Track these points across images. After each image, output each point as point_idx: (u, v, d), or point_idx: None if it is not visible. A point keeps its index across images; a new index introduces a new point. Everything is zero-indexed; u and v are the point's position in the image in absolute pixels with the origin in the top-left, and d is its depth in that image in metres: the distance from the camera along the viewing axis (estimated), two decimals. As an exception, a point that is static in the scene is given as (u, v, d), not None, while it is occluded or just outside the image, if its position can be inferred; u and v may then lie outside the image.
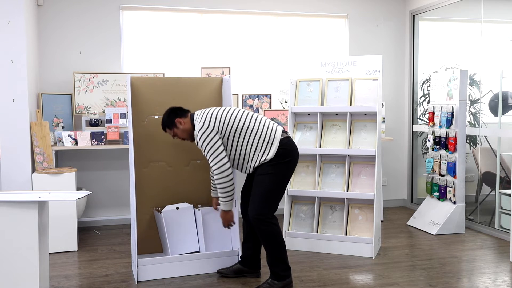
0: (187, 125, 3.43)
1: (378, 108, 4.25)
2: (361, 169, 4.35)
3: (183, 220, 3.82)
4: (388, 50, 6.07)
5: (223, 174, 3.27)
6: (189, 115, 3.45)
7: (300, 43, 5.88)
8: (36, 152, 4.45)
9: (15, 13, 4.25)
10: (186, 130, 3.44)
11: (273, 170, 3.31)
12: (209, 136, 3.26)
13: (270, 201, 3.35)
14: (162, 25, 5.50)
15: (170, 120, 3.46)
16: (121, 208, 5.33)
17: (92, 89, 5.06)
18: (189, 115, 3.45)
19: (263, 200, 3.31)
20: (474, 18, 5.34)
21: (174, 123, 3.45)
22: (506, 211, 4.79)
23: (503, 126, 4.92)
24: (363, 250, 4.15)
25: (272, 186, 3.33)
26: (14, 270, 2.85)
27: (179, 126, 3.44)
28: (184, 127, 3.44)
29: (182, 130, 3.44)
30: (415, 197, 6.14)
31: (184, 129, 3.44)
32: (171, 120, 3.46)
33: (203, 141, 3.26)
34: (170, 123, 3.46)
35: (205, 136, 3.26)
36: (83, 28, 5.20)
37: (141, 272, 3.59)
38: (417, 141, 6.12)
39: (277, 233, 3.34)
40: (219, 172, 3.27)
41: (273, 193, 3.36)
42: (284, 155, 3.33)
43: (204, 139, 3.26)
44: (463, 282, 3.57)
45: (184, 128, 3.44)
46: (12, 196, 2.91)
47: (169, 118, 3.47)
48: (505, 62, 5.08)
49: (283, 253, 3.36)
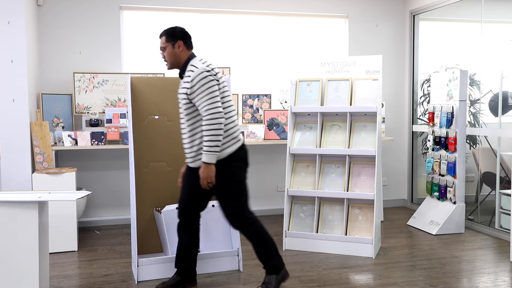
0: (182, 54, 3.19)
1: (378, 108, 4.25)
2: (361, 169, 4.35)
3: (183, 220, 3.82)
4: (388, 50, 6.07)
5: (218, 121, 3.01)
6: (191, 53, 3.24)
7: (300, 43, 5.88)
8: (36, 152, 4.45)
9: (15, 13, 4.25)
10: (176, 57, 3.19)
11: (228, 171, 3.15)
12: (212, 81, 3.05)
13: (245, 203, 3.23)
14: (162, 25, 5.46)
15: (176, 35, 3.20)
16: (121, 208, 5.33)
17: (92, 89, 5.06)
18: (191, 53, 3.24)
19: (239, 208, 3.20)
20: (474, 18, 5.34)
21: (176, 41, 3.19)
22: (506, 211, 4.78)
23: (503, 126, 4.92)
24: (363, 250, 4.15)
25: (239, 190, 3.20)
26: (14, 270, 2.85)
27: (176, 48, 3.19)
28: (178, 53, 3.19)
29: (173, 53, 3.19)
30: (415, 197, 6.14)
31: (176, 55, 3.19)
32: (176, 36, 3.20)
33: (204, 83, 3.02)
34: (174, 37, 3.20)
35: (208, 79, 3.03)
36: (83, 28, 5.20)
37: (141, 272, 3.59)
38: (417, 141, 6.12)
39: (262, 227, 3.27)
40: (215, 117, 3.00)
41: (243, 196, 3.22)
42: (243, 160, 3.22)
43: (208, 84, 3.03)
44: (463, 282, 3.57)
45: (177, 53, 3.19)
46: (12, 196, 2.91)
47: (176, 33, 3.21)
48: (505, 62, 5.08)
49: (272, 244, 3.31)
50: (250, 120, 5.57)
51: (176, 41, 3.19)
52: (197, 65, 3.09)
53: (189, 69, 3.11)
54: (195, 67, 3.08)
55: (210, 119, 3.00)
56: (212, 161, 3.05)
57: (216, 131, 3.01)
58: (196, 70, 3.05)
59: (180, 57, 3.20)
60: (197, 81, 3.03)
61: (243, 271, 3.81)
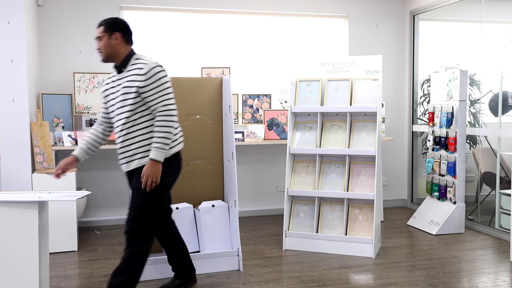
0: (118, 47, 2.97)
1: (378, 108, 4.25)
2: (361, 169, 4.35)
3: (183, 220, 3.82)
4: (388, 50, 6.07)
5: (174, 118, 2.88)
6: (131, 48, 3.04)
7: (300, 43, 5.88)
8: (36, 152, 4.45)
9: (15, 13, 4.25)
10: (112, 49, 2.96)
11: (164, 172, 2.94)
12: (167, 77, 2.91)
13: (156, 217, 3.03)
14: (162, 25, 5.50)
15: (115, 26, 2.99)
16: (121, 208, 5.33)
17: (92, 89, 5.06)
18: (131, 49, 3.04)
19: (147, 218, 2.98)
20: (474, 18, 5.34)
21: (113, 32, 2.96)
22: (506, 211, 4.78)
23: (503, 126, 4.92)
24: (363, 250, 4.15)
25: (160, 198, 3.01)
26: (14, 270, 2.85)
27: (112, 39, 2.96)
28: (114, 45, 2.97)
29: (109, 44, 2.96)
30: (415, 197, 6.13)
31: (112, 47, 2.96)
32: (115, 27, 2.98)
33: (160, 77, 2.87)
34: (113, 28, 2.97)
35: (163, 74, 2.90)
36: (83, 28, 5.20)
37: (141, 272, 3.58)
38: (417, 141, 6.12)
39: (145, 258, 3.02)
40: (172, 114, 2.87)
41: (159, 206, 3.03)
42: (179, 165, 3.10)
43: (165, 79, 2.90)
44: (463, 282, 3.57)
45: (113, 45, 2.96)
46: (12, 196, 2.91)
47: (116, 24, 3.00)
48: (505, 62, 5.08)
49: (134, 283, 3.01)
50: (250, 120, 5.57)
51: (114, 33, 2.96)
52: (147, 60, 2.93)
53: (139, 63, 2.92)
54: (145, 61, 2.91)
55: (167, 115, 2.85)
56: (161, 159, 2.86)
57: (170, 128, 2.86)
58: (149, 63, 2.89)
59: (116, 50, 2.97)
60: (152, 75, 2.86)
61: (243, 271, 3.81)
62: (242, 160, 5.58)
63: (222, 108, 4.06)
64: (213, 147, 4.04)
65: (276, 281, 3.60)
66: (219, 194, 4.07)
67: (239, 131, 5.26)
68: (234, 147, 3.84)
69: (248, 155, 5.64)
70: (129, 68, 2.95)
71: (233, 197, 3.86)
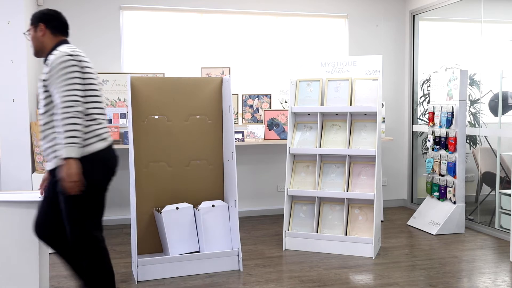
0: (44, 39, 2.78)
1: (378, 108, 4.25)
2: (361, 169, 4.35)
3: (183, 220, 3.82)
4: (388, 50, 6.07)
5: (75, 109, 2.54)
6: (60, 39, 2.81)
7: (300, 43, 5.88)
8: (36, 152, 4.45)
9: (15, 13, 4.25)
10: (38, 42, 2.78)
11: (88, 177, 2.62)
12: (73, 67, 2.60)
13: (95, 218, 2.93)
14: (162, 25, 5.50)
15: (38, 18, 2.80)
16: (121, 208, 5.33)
17: (92, 89, 5.05)
18: (61, 39, 2.81)
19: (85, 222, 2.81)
20: (474, 18, 5.34)
21: (38, 24, 2.79)
22: (506, 211, 4.78)
23: (503, 126, 4.92)
24: (363, 250, 4.15)
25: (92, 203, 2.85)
26: (14, 270, 2.85)
27: (38, 31, 2.78)
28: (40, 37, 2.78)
29: (35, 37, 2.79)
30: (415, 197, 6.13)
31: (37, 39, 2.78)
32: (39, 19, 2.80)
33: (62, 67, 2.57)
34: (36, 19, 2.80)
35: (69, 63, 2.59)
36: (83, 28, 5.20)
37: (141, 272, 3.59)
38: (417, 141, 6.12)
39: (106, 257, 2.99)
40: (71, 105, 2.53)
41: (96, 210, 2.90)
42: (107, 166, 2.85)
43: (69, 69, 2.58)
44: (463, 282, 3.57)
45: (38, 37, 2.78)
46: (12, 196, 2.92)
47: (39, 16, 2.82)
48: (505, 62, 5.08)
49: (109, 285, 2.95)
50: (250, 120, 5.57)
51: (38, 24, 2.78)
52: (60, 49, 2.67)
53: (51, 54, 2.68)
54: (56, 52, 2.65)
55: (65, 107, 2.52)
56: (72, 154, 2.50)
57: (73, 119, 2.52)
58: (56, 53, 2.63)
59: (42, 42, 2.77)
60: (55, 65, 2.58)
61: (243, 271, 3.81)
62: (242, 160, 5.58)
63: (222, 108, 4.06)
64: (213, 147, 4.05)
65: (276, 281, 3.60)
66: (219, 194, 4.07)
67: (239, 131, 5.27)
68: (234, 147, 3.85)
69: (248, 155, 5.64)
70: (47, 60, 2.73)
71: (233, 197, 3.86)
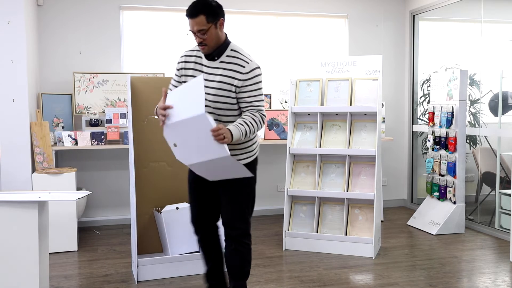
0: (223, 35, 2.77)
1: (378, 108, 4.25)
2: (361, 169, 4.35)
3: (183, 220, 3.82)
4: (388, 50, 6.07)
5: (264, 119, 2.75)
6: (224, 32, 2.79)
7: (300, 43, 5.88)
8: (36, 152, 4.45)
9: (15, 13, 4.25)
10: (219, 39, 2.73)
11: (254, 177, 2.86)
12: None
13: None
14: (162, 25, 5.49)
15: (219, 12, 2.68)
16: (121, 208, 5.33)
17: (92, 89, 5.06)
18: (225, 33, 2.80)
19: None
20: (474, 18, 5.35)
21: (219, 19, 2.68)
22: (506, 211, 4.78)
23: (503, 126, 4.92)
24: (363, 250, 4.15)
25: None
26: (14, 270, 2.85)
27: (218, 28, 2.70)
28: (221, 33, 2.73)
29: (216, 34, 2.69)
30: (415, 197, 6.14)
31: (218, 36, 2.72)
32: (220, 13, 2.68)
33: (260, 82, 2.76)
34: (217, 14, 2.66)
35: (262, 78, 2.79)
36: (83, 28, 5.20)
37: (141, 272, 3.59)
38: (417, 141, 6.12)
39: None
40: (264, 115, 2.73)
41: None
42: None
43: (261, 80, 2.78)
44: (463, 282, 3.57)
45: (219, 34, 2.72)
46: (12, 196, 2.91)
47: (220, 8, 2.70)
48: (505, 62, 5.08)
49: None
50: (250, 120, 5.56)
51: (219, 20, 2.70)
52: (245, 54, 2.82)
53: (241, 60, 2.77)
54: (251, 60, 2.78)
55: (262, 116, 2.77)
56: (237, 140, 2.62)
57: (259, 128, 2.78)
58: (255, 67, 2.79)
59: (221, 38, 2.75)
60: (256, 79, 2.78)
61: (243, 271, 3.80)
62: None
63: (222, 108, 4.05)
64: (213, 147, 4.04)
65: (276, 281, 3.60)
66: (219, 194, 4.07)
67: (239, 131, 5.26)
68: (234, 147, 3.84)
69: (248, 155, 5.63)
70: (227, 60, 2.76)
71: (233, 197, 3.85)
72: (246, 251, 2.85)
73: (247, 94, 2.70)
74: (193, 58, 2.84)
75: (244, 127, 2.61)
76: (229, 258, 2.86)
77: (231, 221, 2.82)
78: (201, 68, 2.78)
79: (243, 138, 2.63)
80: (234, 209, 2.82)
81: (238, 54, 2.77)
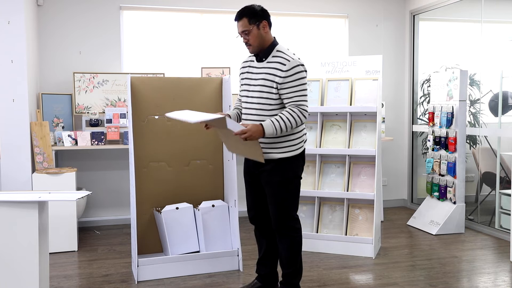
0: (268, 36, 2.97)
1: (378, 108, 4.25)
2: (361, 169, 4.35)
3: (183, 220, 3.82)
4: (388, 50, 6.07)
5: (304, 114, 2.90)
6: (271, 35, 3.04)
7: (300, 43, 5.88)
8: (36, 152, 4.45)
9: (15, 13, 4.25)
10: (263, 39, 2.95)
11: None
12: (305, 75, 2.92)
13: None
14: (162, 25, 5.50)
15: (262, 14, 2.93)
16: (121, 208, 5.33)
17: (92, 89, 5.06)
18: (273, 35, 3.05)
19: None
20: (474, 18, 5.35)
21: (261, 21, 2.93)
22: (506, 211, 4.79)
23: (503, 126, 4.92)
24: (363, 250, 4.15)
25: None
26: (14, 270, 2.85)
27: (262, 30, 2.94)
28: (265, 34, 2.95)
29: (260, 35, 2.94)
30: (415, 197, 6.14)
31: (262, 37, 2.95)
32: (262, 15, 2.94)
33: (302, 78, 2.90)
34: (260, 16, 2.92)
35: (305, 74, 2.93)
36: (83, 28, 5.20)
37: (141, 272, 3.59)
38: (417, 141, 6.12)
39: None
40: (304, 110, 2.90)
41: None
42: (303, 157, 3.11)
43: (304, 77, 2.92)
44: (463, 282, 3.57)
45: (264, 35, 2.95)
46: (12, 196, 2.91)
47: (263, 11, 2.95)
48: (505, 62, 5.08)
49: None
50: (250, 120, 5.56)
51: (262, 22, 2.94)
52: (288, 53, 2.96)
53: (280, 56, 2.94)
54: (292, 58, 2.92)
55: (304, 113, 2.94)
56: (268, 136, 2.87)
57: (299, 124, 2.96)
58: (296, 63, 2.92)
59: (266, 39, 2.98)
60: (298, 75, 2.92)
61: (243, 271, 3.81)
62: (242, 160, 5.55)
63: (222, 108, 4.06)
64: (213, 147, 4.05)
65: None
66: (219, 194, 4.07)
67: (239, 131, 5.26)
68: (234, 147, 3.84)
69: (248, 155, 5.64)
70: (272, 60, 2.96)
71: (233, 197, 3.86)
72: (290, 243, 3.06)
73: (288, 90, 2.88)
74: (248, 63, 3.13)
75: (279, 123, 2.83)
76: (279, 248, 3.13)
77: (274, 216, 3.05)
78: (251, 70, 3.05)
79: (279, 133, 2.85)
80: (277, 206, 3.03)
81: (281, 54, 2.96)
